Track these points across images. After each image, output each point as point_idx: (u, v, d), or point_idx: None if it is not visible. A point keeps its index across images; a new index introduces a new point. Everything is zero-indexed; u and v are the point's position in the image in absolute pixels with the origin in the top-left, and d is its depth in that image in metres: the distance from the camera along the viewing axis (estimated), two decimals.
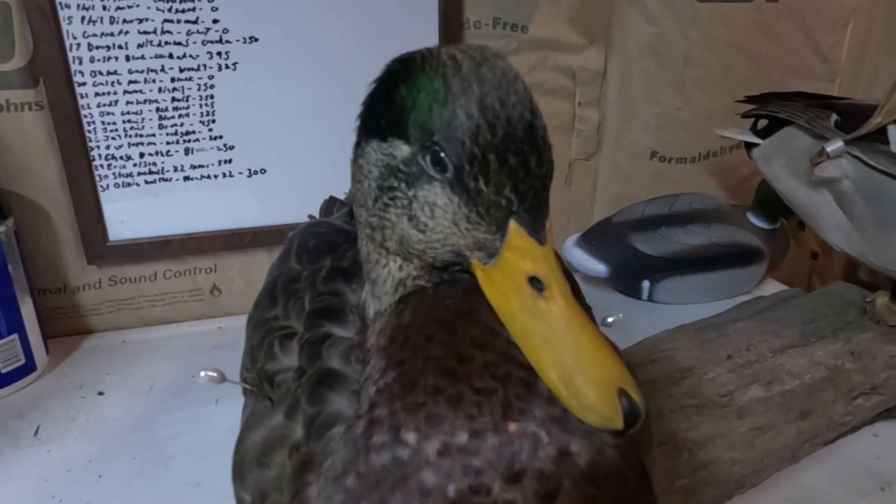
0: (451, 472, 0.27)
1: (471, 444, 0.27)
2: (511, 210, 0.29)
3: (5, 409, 0.69)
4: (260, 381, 0.37)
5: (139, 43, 0.74)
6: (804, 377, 0.64)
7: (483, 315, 0.30)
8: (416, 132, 0.29)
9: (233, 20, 0.76)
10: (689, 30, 0.91)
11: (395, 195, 0.31)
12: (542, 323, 0.28)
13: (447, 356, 0.29)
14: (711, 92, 0.95)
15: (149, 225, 0.80)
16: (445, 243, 0.30)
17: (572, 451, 0.28)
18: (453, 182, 0.29)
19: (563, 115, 0.93)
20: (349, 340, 0.35)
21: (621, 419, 0.27)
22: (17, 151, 0.74)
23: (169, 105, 0.77)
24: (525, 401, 0.28)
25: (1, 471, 0.61)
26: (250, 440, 0.35)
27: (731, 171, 1.02)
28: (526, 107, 0.28)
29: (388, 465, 0.27)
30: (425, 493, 0.27)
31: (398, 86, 0.30)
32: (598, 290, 0.94)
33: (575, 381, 0.27)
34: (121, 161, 0.77)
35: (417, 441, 0.27)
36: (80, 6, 0.71)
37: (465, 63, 0.29)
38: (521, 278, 0.29)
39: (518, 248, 0.29)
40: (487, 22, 0.85)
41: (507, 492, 0.27)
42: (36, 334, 0.74)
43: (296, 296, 0.39)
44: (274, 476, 0.32)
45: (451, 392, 0.28)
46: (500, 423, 0.27)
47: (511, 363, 0.29)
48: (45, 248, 0.78)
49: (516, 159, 0.28)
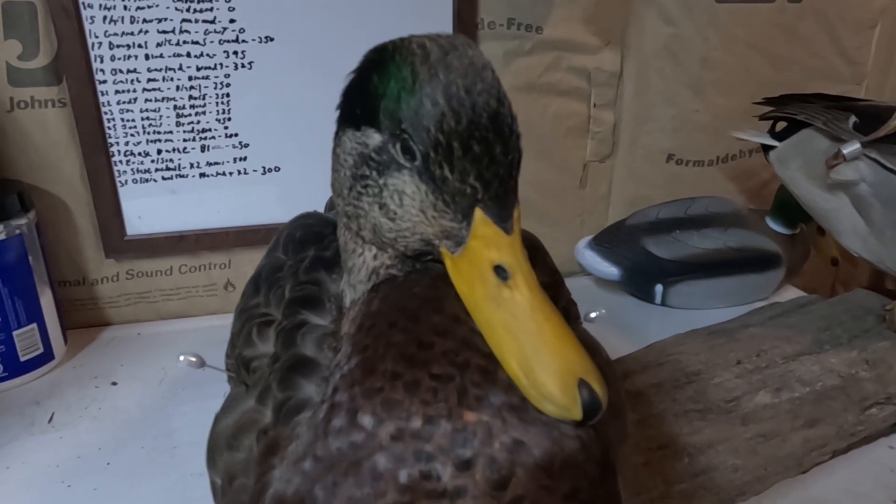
0: (403, 457, 0.27)
1: (424, 430, 0.27)
2: (476, 198, 0.29)
3: (23, 396, 0.71)
4: (237, 367, 0.38)
5: (158, 42, 0.76)
6: (815, 385, 0.63)
7: (449, 303, 0.30)
8: (387, 120, 0.29)
9: (249, 20, 0.78)
10: (708, 31, 0.90)
11: (367, 183, 0.31)
12: (505, 311, 0.28)
13: (408, 343, 0.29)
14: (730, 94, 0.93)
15: (165, 220, 0.82)
16: (414, 231, 0.31)
17: (526, 440, 0.28)
18: (421, 170, 0.29)
19: (577, 116, 0.92)
20: (324, 328, 0.35)
21: (580, 410, 0.27)
22: (41, 147, 0.76)
23: (186, 103, 0.79)
24: (482, 388, 0.28)
25: (15, 455, 0.63)
26: (222, 424, 0.36)
27: (750, 174, 1.00)
28: (492, 95, 0.28)
29: (343, 448, 0.28)
30: (377, 476, 0.27)
31: (371, 75, 0.30)
32: (611, 293, 0.93)
33: (535, 371, 0.27)
34: (139, 157, 0.79)
35: (373, 425, 0.28)
36: (101, 6, 0.73)
37: (434, 51, 0.29)
38: (486, 267, 0.29)
39: (483, 236, 0.29)
40: (502, 22, 0.85)
41: (457, 478, 0.27)
42: (54, 324, 0.76)
43: (277, 284, 0.39)
44: (242, 459, 0.33)
45: (408, 378, 0.28)
46: (454, 410, 0.27)
47: (471, 351, 0.29)
48: (66, 241, 0.80)
49: (480, 147, 0.28)
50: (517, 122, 0.30)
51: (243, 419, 0.35)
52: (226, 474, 0.34)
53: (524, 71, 0.87)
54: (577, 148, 0.94)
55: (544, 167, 0.93)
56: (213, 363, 0.38)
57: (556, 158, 0.93)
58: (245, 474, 0.32)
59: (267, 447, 0.31)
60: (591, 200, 0.97)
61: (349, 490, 0.27)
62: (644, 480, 0.52)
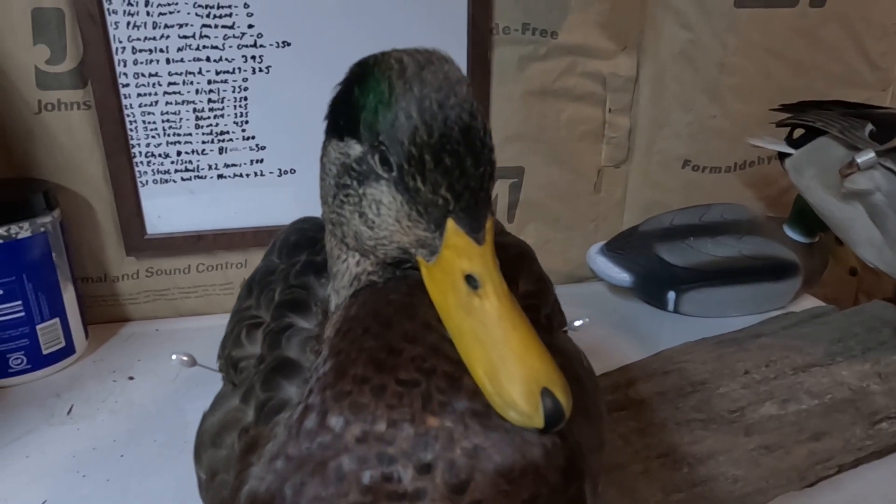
0: (367, 459, 0.28)
1: (388, 433, 0.28)
2: (448, 209, 0.29)
3: (44, 388, 0.74)
4: (227, 367, 0.39)
5: (179, 47, 0.78)
6: (824, 397, 0.62)
7: (422, 311, 0.31)
8: (366, 132, 0.30)
9: (267, 26, 0.79)
10: (726, 36, 0.89)
11: (348, 192, 0.32)
12: (474, 320, 0.29)
13: (378, 348, 0.30)
14: (749, 100, 0.92)
15: (184, 220, 0.84)
16: (391, 240, 0.31)
17: (486, 446, 0.28)
18: (397, 181, 0.30)
19: (592, 121, 0.92)
20: (308, 331, 0.36)
21: (542, 418, 0.27)
22: (66, 148, 0.79)
23: (205, 106, 0.81)
24: (447, 394, 0.29)
25: (35, 444, 0.66)
26: (209, 421, 0.37)
27: (768, 182, 0.98)
28: (465, 109, 0.29)
29: (312, 448, 0.29)
30: (341, 477, 0.28)
31: (354, 87, 0.31)
32: (624, 299, 0.93)
33: (500, 378, 0.28)
34: (159, 158, 0.82)
35: (340, 427, 0.28)
36: (126, 12, 0.76)
37: (410, 66, 0.30)
38: (457, 276, 0.29)
39: (455, 246, 0.30)
40: (517, 28, 0.85)
41: (417, 481, 0.27)
42: (76, 319, 0.79)
43: (269, 287, 0.40)
44: (224, 456, 0.34)
45: (376, 382, 0.29)
46: (417, 415, 0.28)
47: (440, 358, 0.30)
48: (88, 239, 0.83)
49: (451, 159, 0.29)
50: (490, 135, 0.30)
51: (227, 417, 0.36)
52: (209, 470, 0.35)
53: (539, 76, 0.88)
54: (592, 153, 0.94)
55: (558, 172, 0.93)
56: (180, 356, 0.40)
57: (570, 163, 0.93)
58: (226, 470, 0.33)
59: (247, 445, 0.32)
60: (605, 206, 0.97)
61: (315, 489, 0.28)
62: (641, 489, 0.52)
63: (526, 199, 0.93)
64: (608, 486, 0.52)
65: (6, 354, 0.73)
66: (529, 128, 0.90)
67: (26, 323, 0.73)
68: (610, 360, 0.75)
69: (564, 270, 0.98)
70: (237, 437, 0.34)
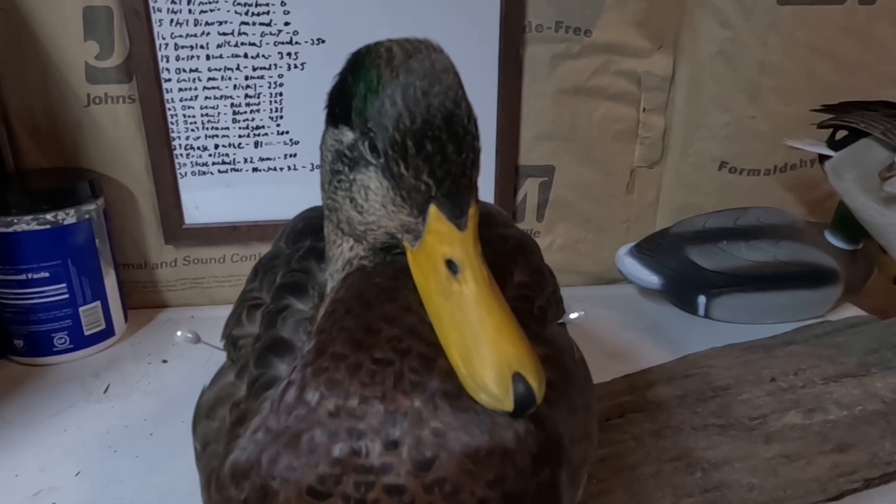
0: (337, 433, 0.29)
1: (359, 409, 0.29)
2: (430, 195, 0.30)
3: (84, 367, 0.78)
4: (228, 345, 0.41)
5: (218, 43, 0.81)
6: (854, 408, 0.59)
7: (404, 294, 0.32)
8: (357, 119, 0.31)
9: (302, 23, 0.81)
10: (768, 34, 0.87)
11: (340, 178, 0.33)
12: (452, 304, 0.29)
13: (357, 328, 0.31)
14: (791, 101, 0.89)
15: (220, 211, 0.87)
16: (379, 225, 0.32)
17: (454, 426, 0.28)
18: (384, 167, 0.30)
19: (626, 120, 0.91)
20: (304, 313, 0.37)
21: (511, 402, 0.27)
22: (111, 139, 0.83)
23: (242, 101, 0.83)
24: (419, 374, 0.29)
25: (73, 420, 0.69)
26: (206, 395, 0.39)
27: (811, 185, 0.95)
28: (449, 97, 0.29)
29: (289, 421, 0.30)
30: (312, 449, 0.29)
31: (348, 76, 0.32)
32: (654, 302, 0.91)
33: (473, 362, 0.28)
34: (198, 151, 0.85)
35: (315, 402, 0.29)
36: (169, 10, 0.79)
37: (397, 55, 0.30)
38: (438, 261, 0.30)
39: (437, 231, 0.30)
40: (549, 25, 0.85)
41: (384, 456, 0.28)
42: (116, 303, 0.82)
43: (272, 271, 0.42)
44: (216, 427, 0.36)
45: (352, 360, 0.30)
46: (389, 393, 0.29)
47: (416, 339, 0.30)
48: (130, 227, 0.87)
49: (433, 146, 0.29)
50: (476, 124, 0.30)
51: (222, 392, 0.37)
52: (202, 441, 0.37)
53: (571, 74, 0.87)
54: (625, 153, 0.92)
55: (589, 171, 0.92)
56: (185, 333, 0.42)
57: (602, 163, 0.92)
58: (217, 441, 0.34)
59: (237, 418, 0.34)
60: (637, 207, 0.95)
61: (288, 460, 0.29)
62: (651, 491, 0.51)
63: (556, 199, 0.93)
64: (616, 487, 0.51)
65: (51, 334, 0.77)
66: (561, 126, 0.89)
67: (70, 305, 0.77)
68: (635, 362, 0.74)
69: (594, 271, 0.97)
70: (229, 411, 0.35)
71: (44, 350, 0.77)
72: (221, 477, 0.31)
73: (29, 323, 0.76)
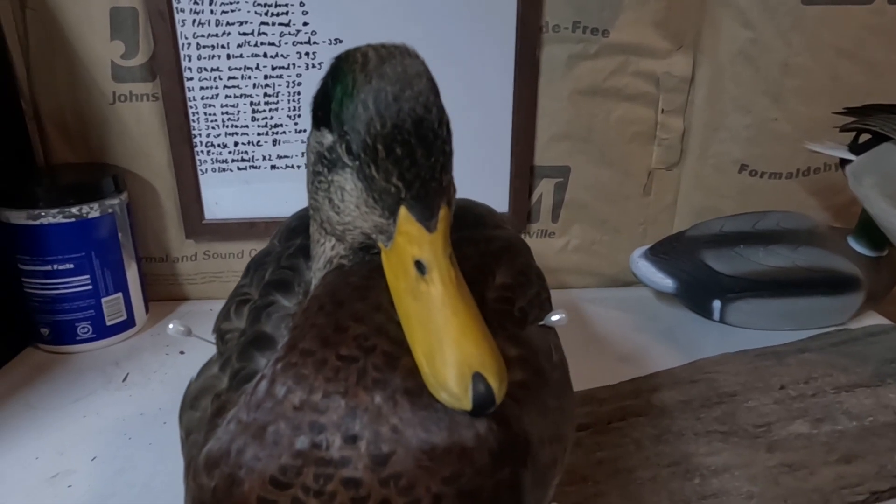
0: (301, 426, 0.29)
1: (321, 403, 0.30)
2: (400, 197, 0.31)
3: (105, 356, 0.81)
4: (217, 339, 0.42)
5: (239, 43, 0.83)
6: (864, 419, 0.58)
7: (375, 293, 0.32)
8: (335, 122, 0.32)
9: (321, 24, 0.83)
10: (792, 35, 0.85)
11: (321, 179, 0.34)
12: (419, 304, 0.30)
13: (327, 325, 0.32)
14: (814, 103, 0.87)
15: (239, 207, 0.89)
16: (355, 225, 0.33)
17: (413, 422, 0.29)
18: (358, 169, 0.31)
19: (643, 122, 0.90)
20: (287, 309, 0.38)
21: (469, 401, 0.28)
22: (136, 136, 0.85)
23: (261, 100, 0.85)
24: (382, 372, 0.30)
25: (92, 406, 0.71)
26: (192, 386, 0.40)
27: (835, 190, 0.93)
28: (419, 102, 0.30)
29: (257, 414, 0.30)
30: (277, 441, 0.30)
31: (329, 80, 0.32)
32: (669, 306, 0.90)
33: (436, 360, 0.29)
34: (218, 149, 0.87)
35: (282, 395, 0.30)
36: (192, 10, 0.81)
37: (372, 60, 0.31)
38: (408, 261, 0.31)
39: (406, 233, 0.31)
40: (567, 26, 0.85)
41: (343, 450, 0.29)
42: (138, 295, 0.85)
43: (262, 268, 0.43)
44: (198, 417, 0.37)
45: (319, 356, 0.31)
46: (351, 389, 0.30)
47: (382, 337, 0.31)
48: (152, 222, 0.89)
49: (403, 149, 0.30)
50: (447, 128, 0.31)
51: (206, 383, 0.39)
52: (186, 429, 0.38)
53: (588, 75, 0.87)
54: (643, 155, 0.91)
55: (606, 173, 0.91)
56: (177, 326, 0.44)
57: (618, 164, 0.91)
58: (198, 430, 0.36)
59: (217, 409, 0.35)
60: (655, 209, 0.94)
61: (254, 450, 0.30)
62: (647, 495, 0.51)
63: (571, 200, 0.92)
64: (611, 490, 0.51)
65: (75, 323, 0.80)
66: (577, 127, 0.89)
67: (93, 295, 0.80)
68: (646, 366, 0.73)
69: (610, 273, 0.96)
70: (211, 401, 0.36)
71: (68, 338, 0.80)
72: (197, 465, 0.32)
73: (54, 312, 0.79)
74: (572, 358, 0.40)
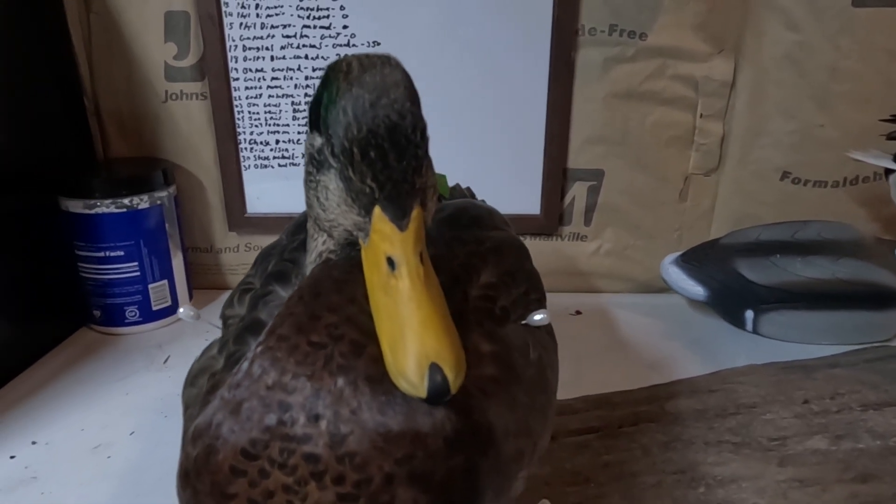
0: (271, 404, 0.32)
1: (290, 384, 0.32)
2: (374, 197, 0.32)
3: (150, 339, 0.86)
4: (222, 323, 0.45)
5: (282, 45, 0.86)
6: (888, 439, 0.56)
7: (352, 287, 0.34)
8: (323, 126, 0.34)
9: (359, 27, 0.85)
10: (840, 38, 0.82)
11: (311, 178, 0.36)
12: (388, 298, 0.32)
13: (303, 314, 0.34)
14: (864, 108, 0.83)
15: (279, 202, 0.93)
16: (338, 222, 0.35)
17: (372, 405, 0.31)
18: (339, 170, 0.33)
19: (681, 126, 0.88)
20: (283, 299, 0.40)
21: (425, 389, 0.30)
22: (185, 132, 0.90)
23: (302, 100, 0.89)
24: (347, 358, 0.32)
25: (134, 385, 0.76)
26: (194, 366, 0.44)
27: (885, 200, 0.88)
28: (394, 109, 0.31)
29: (236, 391, 0.33)
30: (249, 416, 0.32)
31: (321, 86, 0.34)
32: (702, 314, 0.88)
33: (397, 351, 0.30)
34: (260, 146, 0.91)
35: (258, 375, 0.33)
36: (239, 14, 0.85)
37: (355, 69, 0.33)
38: (381, 258, 0.32)
39: (380, 230, 0.32)
40: (603, 29, 0.84)
41: (306, 427, 0.31)
42: (182, 283, 0.90)
43: (267, 260, 0.46)
44: (195, 394, 0.40)
45: (292, 341, 0.33)
46: (317, 372, 0.32)
47: (351, 327, 0.33)
48: (198, 214, 0.94)
49: (376, 153, 0.31)
50: (421, 134, 0.32)
51: (205, 364, 0.42)
52: (185, 404, 0.42)
53: (624, 78, 0.86)
54: (680, 159, 0.90)
55: (641, 177, 0.90)
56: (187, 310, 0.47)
57: (654, 169, 0.90)
58: (195, 406, 0.39)
59: (211, 386, 0.38)
60: (691, 215, 0.92)
61: (229, 425, 0.32)
62: (649, 500, 0.50)
63: (605, 203, 0.92)
64: (613, 493, 0.51)
65: (124, 307, 0.85)
66: (612, 131, 0.88)
67: (140, 282, 0.85)
68: (668, 374, 0.72)
69: (643, 279, 0.95)
70: (207, 380, 0.39)
71: (117, 321, 0.86)
72: (187, 436, 0.35)
73: (105, 296, 0.85)
74: (594, 361, 0.40)
